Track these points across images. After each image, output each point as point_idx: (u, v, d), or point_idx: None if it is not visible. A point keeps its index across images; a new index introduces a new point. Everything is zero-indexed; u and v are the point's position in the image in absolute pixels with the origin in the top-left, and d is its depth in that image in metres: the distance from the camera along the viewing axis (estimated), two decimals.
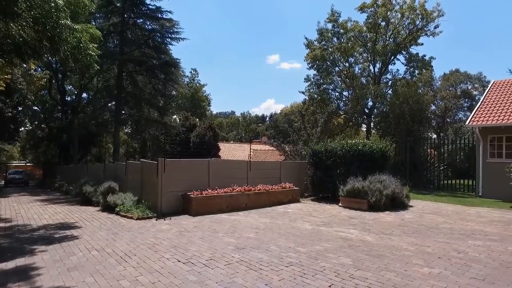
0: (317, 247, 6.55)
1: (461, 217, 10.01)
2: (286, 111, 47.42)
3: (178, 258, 5.82)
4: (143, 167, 11.77)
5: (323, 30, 25.86)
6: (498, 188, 14.02)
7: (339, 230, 8.09)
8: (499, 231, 8.21)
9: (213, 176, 11.68)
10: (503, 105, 15.98)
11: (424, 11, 23.33)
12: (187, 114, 32.75)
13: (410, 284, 4.68)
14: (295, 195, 13.22)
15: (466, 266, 5.47)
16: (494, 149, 15.31)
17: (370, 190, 11.24)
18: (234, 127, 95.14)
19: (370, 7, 24.74)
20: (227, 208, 10.76)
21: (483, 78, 40.73)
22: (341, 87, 27.47)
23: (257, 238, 7.30)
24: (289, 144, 19.05)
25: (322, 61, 26.00)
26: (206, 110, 52.85)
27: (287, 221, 9.29)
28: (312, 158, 14.21)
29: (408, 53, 25.76)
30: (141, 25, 22.63)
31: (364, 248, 6.53)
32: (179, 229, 8.14)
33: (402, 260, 5.74)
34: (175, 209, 10.36)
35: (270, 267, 5.37)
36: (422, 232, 7.91)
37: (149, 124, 24.65)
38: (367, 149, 13.03)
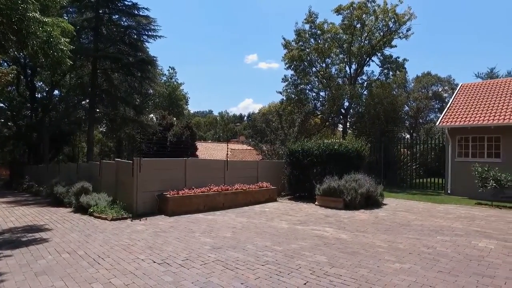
0: (293, 246, 6.62)
1: (431, 214, 10.41)
2: (264, 111, 47.56)
3: (154, 259, 5.73)
4: (118, 166, 11.50)
5: (300, 31, 26.14)
6: (465, 186, 14.68)
7: (315, 229, 8.22)
8: (464, 226, 8.61)
9: (190, 176, 11.57)
10: (470, 107, 16.73)
11: (395, 15, 24.04)
12: (164, 113, 32.27)
13: (382, 280, 4.82)
14: (272, 194, 13.30)
15: (434, 261, 5.70)
16: (462, 149, 16.00)
17: (345, 189, 11.47)
18: (212, 126, 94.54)
19: (346, 10, 25.24)
20: (204, 207, 10.69)
21: (452, 81, 42.45)
22: (318, 87, 27.84)
23: (233, 237, 7.30)
24: (266, 144, 19.14)
25: (299, 62, 26.26)
26: (184, 109, 52.19)
27: (264, 220, 9.34)
28: (289, 158, 14.34)
29: (382, 55, 26.46)
30: (117, 21, 22.04)
31: (339, 245, 6.66)
32: (155, 230, 8.02)
33: (375, 257, 5.91)
34: (151, 210, 10.19)
35: (246, 266, 5.38)
36: (395, 229, 8.16)
37: (125, 123, 24.05)
38: (343, 148, 13.29)
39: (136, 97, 25.47)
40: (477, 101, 17.01)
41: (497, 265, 5.55)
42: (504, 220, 9.68)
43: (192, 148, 28.99)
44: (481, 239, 7.30)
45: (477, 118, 15.54)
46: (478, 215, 10.46)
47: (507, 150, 14.65)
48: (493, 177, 12.41)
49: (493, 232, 8.01)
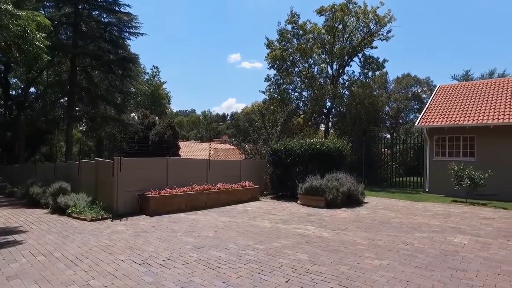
0: (275, 244, 6.66)
1: (410, 212, 10.67)
2: (247, 110, 47.65)
3: (134, 260, 5.64)
4: (98, 166, 11.25)
5: (283, 31, 26.27)
6: (442, 184, 15.12)
7: (297, 227, 8.29)
8: (441, 223, 8.88)
9: (172, 175, 11.44)
10: (447, 108, 17.25)
11: (376, 17, 24.51)
12: (146, 112, 31.82)
13: (362, 276, 4.91)
14: (255, 193, 13.32)
15: (412, 257, 5.85)
16: (439, 148, 16.49)
17: (327, 188, 11.61)
18: (195, 125, 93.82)
19: (328, 11, 25.52)
20: (186, 207, 10.60)
21: (431, 82, 43.67)
22: (301, 87, 28.06)
23: (216, 236, 7.27)
24: (249, 143, 19.15)
25: (282, 61, 26.39)
26: (166, 108, 51.58)
27: (247, 219, 9.34)
28: (271, 157, 14.40)
29: (363, 55, 26.92)
30: (97, 18, 21.53)
31: (321, 243, 6.74)
32: (136, 230, 7.89)
33: (355, 254, 6.01)
34: (132, 210, 10.02)
35: (228, 265, 5.37)
36: (375, 227, 8.32)
37: (106, 122, 23.50)
38: (325, 148, 13.45)
39: (117, 96, 24.95)
40: (454, 102, 17.56)
41: (470, 259, 5.77)
42: (477, 216, 10.04)
43: (175, 148, 28.68)
44: (456, 235, 7.55)
45: (453, 118, 16.04)
46: (454, 212, 10.80)
47: (481, 150, 15.19)
48: (468, 175, 12.85)
49: (467, 228, 8.30)
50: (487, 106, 16.03)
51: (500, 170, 13.69)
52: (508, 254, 6.15)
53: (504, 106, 15.50)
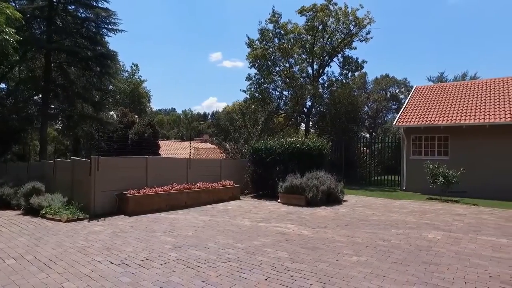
0: (255, 243, 6.68)
1: (388, 209, 10.94)
2: (229, 109, 47.48)
3: (111, 260, 5.52)
4: (74, 165, 10.94)
5: (264, 30, 26.32)
6: (418, 182, 15.58)
7: (277, 226, 8.34)
8: (416, 220, 9.16)
9: (152, 175, 11.27)
10: (423, 108, 17.78)
11: (356, 18, 24.94)
12: (126, 110, 31.13)
13: (340, 272, 5.00)
14: (236, 192, 13.31)
15: (388, 253, 6.00)
16: (416, 147, 16.98)
17: (307, 187, 11.73)
18: (176, 124, 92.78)
19: (309, 11, 25.76)
20: (166, 206, 10.47)
21: (408, 83, 44.87)
22: (282, 86, 28.21)
23: (195, 236, 7.22)
24: (230, 142, 19.10)
25: (263, 61, 26.44)
26: (146, 107, 50.70)
27: (227, 218, 9.32)
28: (252, 156, 14.42)
29: (343, 56, 27.34)
30: (73, 12, 20.85)
31: (300, 241, 6.81)
32: (114, 230, 7.73)
33: (334, 251, 6.11)
34: (110, 210, 9.80)
35: (207, 264, 5.35)
36: (354, 225, 8.48)
37: (83, 120, 22.81)
38: (305, 147, 13.58)
39: (95, 93, 24.28)
40: (429, 103, 18.12)
41: (443, 253, 5.99)
42: (450, 213, 10.42)
43: (155, 147, 28.18)
44: (430, 230, 7.81)
45: (429, 118, 16.55)
46: (429, 209, 11.15)
47: (454, 149, 15.75)
48: (442, 173, 13.29)
49: (441, 224, 8.60)
50: (460, 107, 16.64)
51: (471, 168, 14.25)
52: (476, 247, 6.45)
53: (475, 108, 16.12)
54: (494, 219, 9.48)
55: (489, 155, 14.70)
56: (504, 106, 15.40)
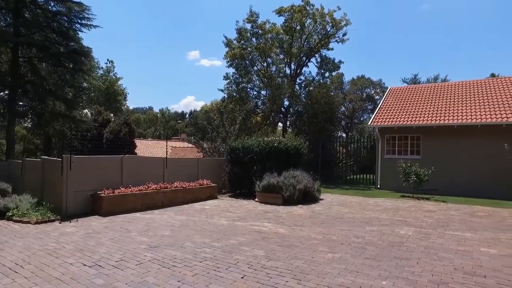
0: (232, 241, 6.68)
1: (362, 207, 11.22)
2: (206, 109, 47.14)
3: (84, 262, 5.37)
4: (45, 165, 10.54)
5: (242, 30, 26.31)
6: (392, 181, 16.06)
7: (254, 224, 8.38)
8: (389, 217, 9.45)
9: (127, 174, 11.04)
10: (397, 108, 18.34)
11: (333, 20, 25.38)
12: (100, 108, 30.28)
13: (315, 269, 5.09)
14: (213, 191, 13.25)
15: (362, 249, 6.17)
16: (390, 147, 17.48)
17: (284, 185, 11.84)
18: (152, 123, 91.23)
19: (287, 12, 25.97)
20: (142, 206, 10.29)
21: (383, 84, 46.08)
22: (259, 86, 28.29)
23: (172, 235, 7.14)
24: (207, 141, 18.99)
25: (241, 60, 26.42)
26: (122, 105, 49.37)
27: (204, 217, 9.28)
28: (229, 155, 14.41)
29: (320, 56, 27.74)
30: (43, 5, 20.02)
31: (277, 239, 6.87)
32: (87, 231, 7.51)
33: (310, 248, 6.20)
34: (84, 210, 9.52)
35: (183, 264, 5.30)
36: (329, 222, 8.65)
37: (55, 118, 21.93)
38: (282, 146, 13.70)
39: (68, 91, 23.48)
40: (403, 104, 18.70)
41: (413, 248, 6.24)
42: (421, 209, 10.83)
43: (131, 146, 27.61)
44: (402, 227, 8.09)
45: (402, 119, 17.08)
46: (402, 206, 11.53)
47: (425, 148, 16.35)
48: (414, 172, 13.77)
49: (412, 220, 8.93)
50: (431, 108, 17.28)
51: (441, 167, 14.85)
52: (444, 242, 6.76)
53: (445, 108, 16.79)
54: (460, 215, 9.94)
55: (457, 155, 15.36)
56: (471, 107, 16.12)
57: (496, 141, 14.14)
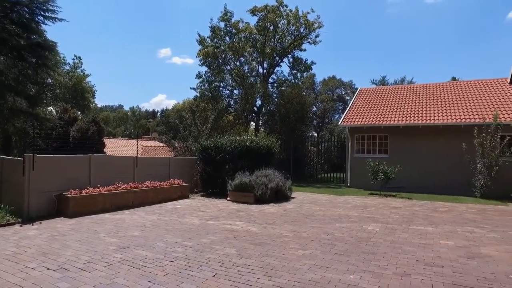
0: (204, 240, 6.66)
1: (333, 205, 11.51)
2: (178, 107, 46.48)
3: (48, 266, 5.15)
4: (3, 165, 9.99)
5: (215, 28, 26.14)
6: (361, 179, 16.57)
7: (226, 223, 8.39)
8: (358, 214, 9.77)
9: (95, 174, 10.70)
10: (366, 109, 18.93)
11: (306, 21, 25.77)
12: (67, 106, 29.08)
13: (286, 265, 5.18)
14: (185, 191, 13.11)
15: (332, 245, 6.34)
16: (359, 146, 18.03)
17: (256, 184, 11.93)
18: (123, 122, 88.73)
19: (261, 12, 26.06)
20: (111, 207, 10.01)
21: (353, 85, 47.38)
22: (232, 85, 28.21)
23: (142, 235, 7.01)
24: (179, 141, 18.76)
25: (214, 59, 26.24)
26: (90, 103, 47.62)
27: (175, 217, 9.17)
28: (201, 154, 14.32)
29: (293, 57, 28.08)
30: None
31: (249, 238, 6.93)
32: (51, 234, 7.21)
33: (281, 246, 6.30)
34: (48, 212, 9.11)
35: (154, 264, 5.23)
36: (300, 220, 8.81)
37: (15, 115, 20.79)
38: (254, 145, 13.78)
39: (30, 87, 22.30)
40: (372, 104, 19.34)
41: (380, 243, 6.50)
42: (388, 206, 11.26)
43: (99, 145, 26.78)
44: (370, 223, 8.39)
45: (371, 119, 17.66)
46: (370, 203, 11.94)
47: (392, 147, 17.01)
48: (382, 170, 14.29)
49: (379, 217, 9.28)
50: (398, 108, 17.99)
51: (407, 165, 15.49)
52: (408, 236, 7.10)
53: (410, 109, 17.54)
54: (423, 211, 10.45)
55: (422, 153, 16.10)
56: (434, 109, 16.94)
57: (456, 141, 14.94)
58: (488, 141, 13.79)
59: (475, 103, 16.51)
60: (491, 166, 13.70)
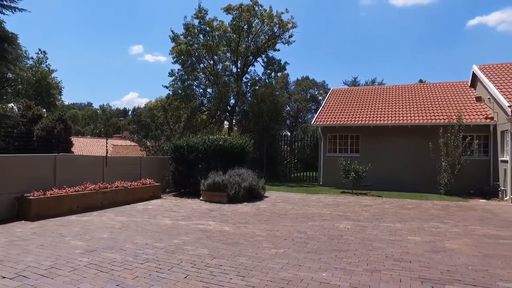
0: (176, 241, 6.52)
1: (305, 204, 11.64)
2: (151, 106, 45.45)
3: (3, 274, 4.75)
4: None
5: (189, 26, 25.75)
6: (334, 178, 16.88)
7: (199, 223, 8.27)
8: (330, 212, 9.93)
9: (62, 174, 10.24)
10: (338, 109, 19.31)
11: (280, 21, 25.91)
12: (30, 102, 27.66)
13: (259, 265, 5.15)
14: (157, 191, 12.83)
15: (304, 244, 6.39)
16: (332, 145, 18.36)
17: (229, 184, 11.85)
18: (92, 120, 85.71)
19: (235, 10, 25.93)
20: (78, 208, 9.60)
21: (326, 86, 48.23)
22: (205, 84, 27.92)
23: (111, 238, 6.76)
24: (151, 140, 18.34)
25: (187, 57, 25.85)
26: (57, 100, 45.54)
27: (146, 217, 8.93)
28: (174, 154, 14.08)
29: (266, 56, 28.16)
30: None
31: (221, 238, 6.85)
32: (10, 239, 6.77)
33: (254, 245, 6.28)
34: (7, 216, 8.58)
35: (123, 267, 5.05)
36: (274, 219, 8.83)
37: None
38: (227, 144, 13.70)
39: None
40: (344, 104, 19.75)
41: (351, 241, 6.63)
42: (360, 204, 11.54)
43: (67, 144, 25.70)
44: (342, 221, 8.54)
45: (343, 119, 18.03)
46: (342, 201, 12.18)
47: (363, 147, 17.46)
48: (353, 169, 14.63)
49: (351, 215, 9.48)
50: (369, 109, 18.48)
51: (377, 164, 15.95)
52: (378, 233, 7.29)
53: (381, 110, 18.07)
54: (392, 208, 10.80)
55: (392, 153, 16.62)
56: (403, 109, 17.55)
57: (423, 140, 15.53)
58: (452, 141, 14.46)
59: (440, 105, 17.26)
60: (454, 164, 14.36)
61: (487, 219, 9.09)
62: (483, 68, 16.69)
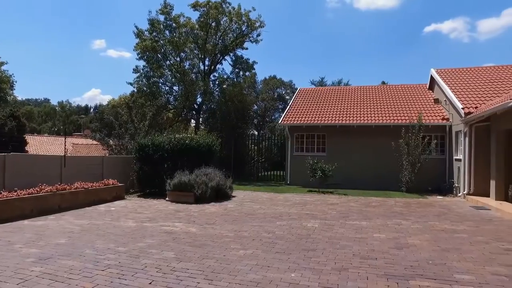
0: (140, 244, 6.24)
1: (273, 203, 11.64)
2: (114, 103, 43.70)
3: None
4: None
5: (154, 21, 25.01)
6: (301, 177, 17.07)
7: (164, 225, 8.00)
8: (298, 211, 10.00)
9: (13, 175, 9.53)
10: (305, 108, 19.57)
11: (248, 20, 25.85)
12: None
13: (227, 267, 5.03)
14: (120, 192, 12.29)
15: (273, 244, 6.35)
16: (299, 144, 18.57)
17: (196, 183, 11.61)
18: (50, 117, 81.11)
19: (203, 7, 25.55)
20: (32, 212, 8.94)
21: (293, 85, 48.83)
22: (172, 81, 27.28)
23: (69, 243, 6.33)
24: (114, 138, 17.58)
25: (152, 53, 25.11)
26: (8, 95, 42.48)
27: (109, 220, 8.50)
28: (138, 153, 13.59)
29: (234, 55, 28.01)
30: None
31: (188, 239, 6.65)
32: None
33: (222, 247, 6.14)
34: None
35: (82, 275, 4.71)
36: (241, 219, 8.73)
37: None
38: (194, 143, 13.43)
39: None
40: (311, 104, 20.05)
41: (319, 240, 6.68)
42: (326, 203, 11.73)
43: (19, 142, 24.13)
44: (309, 220, 8.61)
45: (309, 118, 18.29)
46: (309, 200, 12.32)
47: (330, 146, 17.82)
48: (320, 168, 14.86)
49: (318, 213, 9.59)
50: (335, 108, 18.89)
51: (343, 163, 16.33)
52: (345, 231, 7.41)
53: (346, 110, 18.53)
54: (358, 206, 11.07)
55: (357, 152, 17.09)
56: (367, 110, 18.11)
57: (386, 140, 16.10)
58: (413, 141, 15.13)
59: (402, 106, 18.01)
60: (414, 163, 15.03)
61: (443, 215, 9.56)
62: (440, 72, 17.62)
